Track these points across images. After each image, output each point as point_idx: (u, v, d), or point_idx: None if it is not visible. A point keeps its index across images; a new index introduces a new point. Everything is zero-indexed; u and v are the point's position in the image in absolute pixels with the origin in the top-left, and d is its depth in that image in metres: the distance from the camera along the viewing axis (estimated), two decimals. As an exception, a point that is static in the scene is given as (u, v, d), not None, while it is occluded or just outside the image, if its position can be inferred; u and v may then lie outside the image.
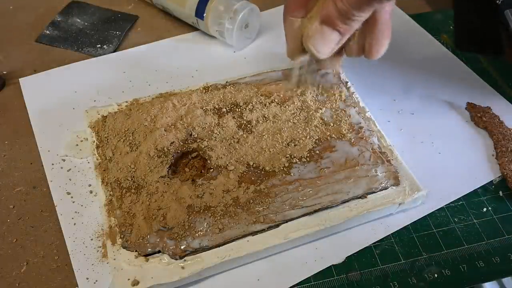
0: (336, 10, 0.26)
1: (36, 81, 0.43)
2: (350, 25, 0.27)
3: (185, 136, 0.35)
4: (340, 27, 0.27)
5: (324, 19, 0.27)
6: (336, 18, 0.26)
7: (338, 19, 0.26)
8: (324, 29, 0.28)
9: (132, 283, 0.29)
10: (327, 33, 0.28)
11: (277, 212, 0.32)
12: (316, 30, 0.28)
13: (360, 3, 0.25)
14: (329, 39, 0.28)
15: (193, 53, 0.47)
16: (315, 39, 0.28)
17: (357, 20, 0.26)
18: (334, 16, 0.26)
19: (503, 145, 0.38)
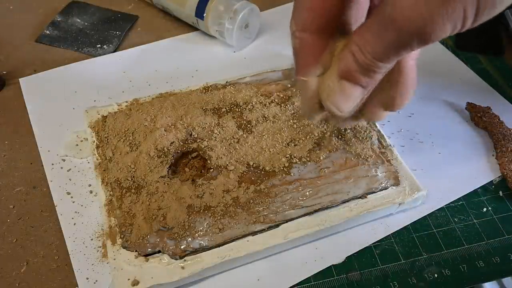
0: (356, 63, 0.23)
1: (36, 81, 0.43)
2: (373, 77, 0.24)
3: (185, 136, 0.35)
4: (362, 81, 0.24)
5: (343, 74, 0.24)
6: (357, 72, 0.23)
7: (360, 73, 0.23)
8: (345, 85, 0.24)
9: (132, 283, 0.29)
10: (348, 89, 0.25)
11: (277, 212, 0.32)
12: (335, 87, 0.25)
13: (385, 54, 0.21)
14: (351, 95, 0.25)
15: (193, 53, 0.47)
16: (335, 97, 0.25)
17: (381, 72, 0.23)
18: (354, 70, 0.23)
19: (503, 145, 0.38)
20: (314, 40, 0.25)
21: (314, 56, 0.25)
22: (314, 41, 0.25)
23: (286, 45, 0.48)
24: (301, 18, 0.24)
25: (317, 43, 0.25)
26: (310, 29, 0.24)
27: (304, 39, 0.25)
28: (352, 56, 0.23)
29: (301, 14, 0.24)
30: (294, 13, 0.24)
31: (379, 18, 0.20)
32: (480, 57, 0.48)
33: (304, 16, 0.24)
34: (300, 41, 0.25)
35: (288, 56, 0.46)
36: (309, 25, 0.24)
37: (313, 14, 0.24)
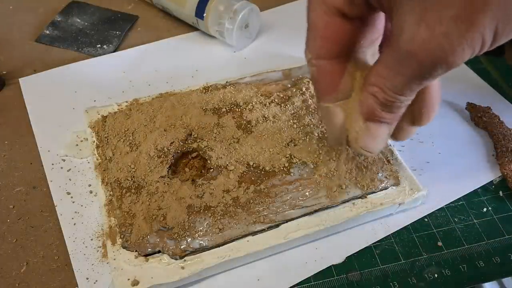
0: (378, 103, 0.22)
1: (36, 81, 0.43)
2: (398, 112, 0.23)
3: (185, 136, 0.35)
4: (388, 119, 0.23)
5: (367, 116, 0.24)
6: (381, 111, 0.23)
7: (383, 111, 0.23)
8: (370, 126, 0.24)
9: (132, 283, 0.29)
10: (374, 130, 0.24)
11: (277, 212, 0.32)
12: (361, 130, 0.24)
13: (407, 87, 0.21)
14: (379, 135, 0.24)
15: (193, 53, 0.47)
16: (364, 141, 0.25)
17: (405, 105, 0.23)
18: (377, 110, 0.23)
19: (503, 145, 0.38)
20: (331, 66, 0.24)
21: (333, 82, 0.25)
22: (331, 68, 0.24)
23: (286, 45, 0.48)
24: (316, 47, 0.24)
25: (334, 69, 0.24)
26: (326, 57, 0.24)
27: (321, 67, 0.24)
28: (373, 97, 0.22)
29: (315, 42, 0.24)
30: (308, 41, 0.24)
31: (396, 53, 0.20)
32: (480, 57, 0.48)
33: (318, 44, 0.24)
34: (317, 68, 0.24)
35: (288, 56, 0.46)
36: (324, 53, 0.24)
37: (327, 42, 0.23)
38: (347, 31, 0.23)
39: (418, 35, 0.18)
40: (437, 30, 0.18)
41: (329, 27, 0.23)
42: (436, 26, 0.18)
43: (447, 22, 0.18)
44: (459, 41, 0.18)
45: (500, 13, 0.17)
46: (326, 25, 0.23)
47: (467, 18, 0.17)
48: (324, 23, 0.23)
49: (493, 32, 0.18)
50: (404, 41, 0.19)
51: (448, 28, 0.18)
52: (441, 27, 0.18)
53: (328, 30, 0.23)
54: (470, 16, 0.17)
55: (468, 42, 0.18)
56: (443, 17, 0.18)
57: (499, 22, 0.17)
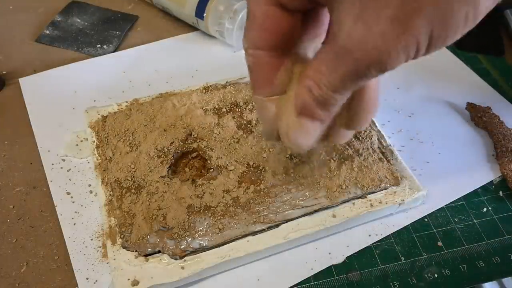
0: (313, 98, 0.22)
1: (36, 81, 0.43)
2: (332, 110, 0.23)
3: (185, 136, 0.35)
4: (321, 116, 0.23)
5: (301, 110, 0.23)
6: (315, 107, 0.22)
7: (317, 107, 0.22)
8: (303, 121, 0.23)
9: (132, 283, 0.29)
10: (306, 125, 0.23)
11: (277, 212, 0.32)
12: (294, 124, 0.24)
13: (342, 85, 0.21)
14: (310, 131, 0.24)
15: (193, 53, 0.47)
16: (294, 134, 0.24)
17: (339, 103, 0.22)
18: (311, 105, 0.22)
19: (503, 145, 0.38)
20: (268, 58, 0.23)
21: (268, 75, 0.24)
22: (268, 60, 0.23)
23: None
24: (253, 36, 0.23)
25: (271, 61, 0.24)
26: (263, 47, 0.23)
27: (257, 57, 0.24)
28: (308, 92, 0.22)
29: (253, 32, 0.23)
30: (246, 30, 0.23)
31: (334, 49, 0.20)
32: (480, 57, 0.48)
33: (256, 34, 0.23)
34: (253, 58, 0.24)
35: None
36: (262, 43, 0.23)
37: (265, 33, 0.23)
38: (286, 23, 0.22)
39: (355, 32, 0.18)
40: (374, 29, 0.18)
41: (267, 17, 0.22)
42: (373, 25, 0.18)
43: (384, 22, 0.17)
44: (394, 42, 0.18)
45: (435, 18, 0.17)
46: (264, 15, 0.22)
47: (403, 20, 0.17)
48: (263, 13, 0.22)
49: (428, 37, 0.18)
50: (341, 37, 0.19)
51: (385, 28, 0.17)
52: (378, 26, 0.17)
53: (267, 21, 0.22)
54: (405, 18, 0.17)
55: (403, 45, 0.18)
56: (381, 16, 0.17)
57: (434, 27, 0.17)
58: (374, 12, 0.17)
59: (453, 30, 0.18)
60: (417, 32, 0.17)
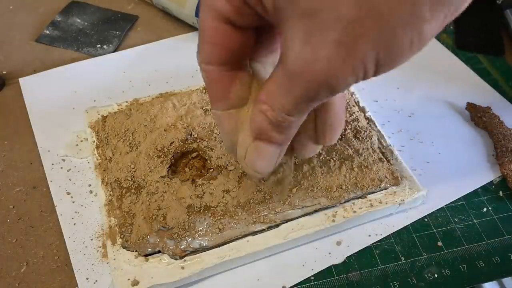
0: (268, 121, 0.21)
1: (36, 81, 0.43)
2: (288, 133, 0.22)
3: (185, 136, 0.35)
4: (278, 139, 0.23)
5: (256, 135, 0.23)
6: (271, 130, 0.22)
7: (273, 131, 0.22)
8: (259, 146, 0.23)
9: (132, 283, 0.29)
10: (263, 150, 0.23)
11: (277, 212, 0.32)
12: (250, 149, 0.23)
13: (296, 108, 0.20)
14: (267, 155, 0.23)
15: (193, 53, 0.46)
16: (252, 160, 0.24)
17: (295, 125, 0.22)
18: (267, 129, 0.22)
19: (503, 145, 0.38)
20: (220, 73, 0.23)
21: (223, 90, 0.24)
22: (220, 75, 0.23)
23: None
24: (204, 52, 0.23)
25: (224, 76, 0.23)
26: (214, 63, 0.23)
27: (210, 72, 0.23)
28: (262, 116, 0.22)
29: (204, 47, 0.23)
30: (199, 45, 0.23)
31: (284, 72, 0.19)
32: (480, 57, 0.48)
33: (207, 49, 0.23)
34: (206, 73, 0.23)
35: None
36: (213, 59, 0.23)
37: (215, 49, 0.22)
38: (236, 40, 0.22)
39: (303, 56, 0.18)
40: (320, 53, 0.17)
41: (217, 33, 0.22)
42: (320, 48, 0.17)
43: (330, 46, 0.17)
44: (341, 67, 0.18)
45: (380, 43, 0.17)
46: (214, 31, 0.22)
47: (348, 44, 0.17)
48: (212, 28, 0.21)
49: (374, 61, 0.17)
50: (291, 60, 0.19)
51: (331, 52, 0.17)
52: (324, 50, 0.17)
53: (217, 37, 0.22)
54: (350, 42, 0.17)
55: (349, 68, 0.18)
56: (326, 40, 0.17)
57: (380, 51, 0.17)
58: (320, 36, 0.17)
59: (399, 55, 0.18)
60: (362, 56, 0.17)
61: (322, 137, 0.25)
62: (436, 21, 0.17)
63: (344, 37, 0.17)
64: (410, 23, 0.16)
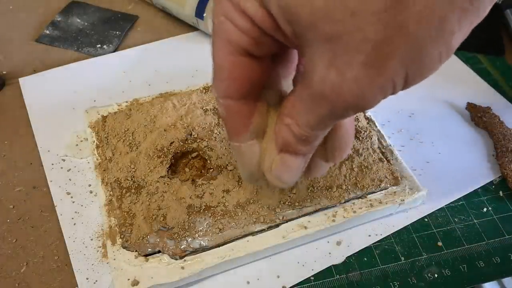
0: (293, 135, 0.22)
1: (36, 81, 0.43)
2: (312, 145, 0.23)
3: (185, 136, 0.35)
4: (303, 151, 0.23)
5: (282, 148, 0.23)
6: (296, 144, 0.22)
7: (298, 144, 0.22)
8: (285, 158, 0.23)
9: (132, 283, 0.29)
10: (289, 162, 0.24)
11: (277, 212, 0.32)
12: (276, 162, 0.24)
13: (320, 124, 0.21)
14: (293, 167, 0.24)
15: (193, 53, 0.47)
16: (278, 172, 0.24)
17: (319, 138, 0.23)
18: (293, 142, 0.22)
19: (503, 145, 0.38)
20: (240, 106, 0.23)
21: (242, 122, 0.24)
22: (240, 108, 0.23)
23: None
24: (222, 87, 0.22)
25: (244, 109, 0.23)
26: (234, 97, 0.23)
27: (229, 106, 0.23)
28: (287, 129, 0.22)
29: (222, 83, 0.22)
30: (214, 80, 0.23)
31: (309, 92, 0.20)
32: (480, 57, 0.48)
33: (226, 84, 0.22)
34: (225, 108, 0.23)
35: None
36: (233, 93, 0.22)
37: (234, 83, 0.22)
38: (256, 71, 0.22)
39: (329, 79, 0.18)
40: (347, 75, 0.17)
41: (236, 68, 0.21)
42: (346, 71, 0.17)
43: (357, 68, 0.17)
44: (369, 86, 0.18)
45: (409, 59, 0.17)
46: (232, 66, 0.21)
47: (376, 64, 0.17)
48: (230, 64, 0.21)
49: (403, 77, 0.18)
50: (315, 82, 0.19)
51: (359, 74, 0.17)
52: (351, 72, 0.17)
53: (235, 71, 0.21)
54: (379, 63, 0.17)
55: (378, 87, 0.18)
56: (353, 62, 0.17)
57: (409, 68, 0.17)
58: (345, 59, 0.17)
59: (428, 68, 0.18)
60: (392, 74, 0.17)
61: (332, 156, 0.25)
62: (463, 31, 0.17)
63: (371, 58, 0.17)
64: (439, 38, 0.17)
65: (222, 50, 0.21)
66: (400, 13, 0.16)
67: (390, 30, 0.16)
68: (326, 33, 0.17)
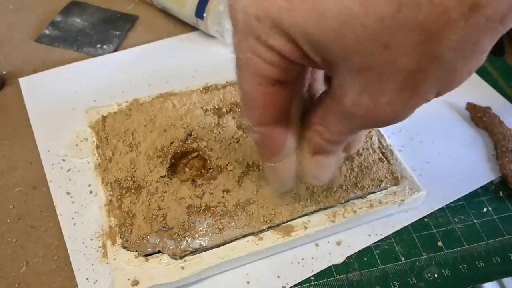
0: (324, 140, 0.23)
1: (36, 81, 0.43)
2: (342, 144, 0.24)
3: (185, 136, 0.35)
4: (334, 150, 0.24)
5: (315, 151, 0.24)
6: (328, 146, 0.24)
7: (330, 146, 0.24)
8: (319, 159, 0.25)
9: (132, 283, 0.29)
10: (323, 162, 0.25)
11: (277, 212, 0.32)
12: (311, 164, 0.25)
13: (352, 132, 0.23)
14: (328, 165, 0.25)
15: (193, 53, 0.47)
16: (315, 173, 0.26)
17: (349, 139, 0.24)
18: (325, 146, 0.24)
19: (503, 145, 0.38)
20: (275, 130, 0.23)
21: (278, 144, 0.24)
22: (275, 131, 0.24)
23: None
24: (255, 116, 0.23)
25: (278, 131, 0.24)
26: (269, 124, 0.23)
27: (265, 133, 0.23)
28: (319, 136, 0.23)
29: (254, 112, 0.23)
30: (246, 110, 0.23)
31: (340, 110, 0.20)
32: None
33: (258, 114, 0.22)
34: (261, 135, 0.24)
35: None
36: (268, 121, 0.23)
37: (267, 111, 0.22)
38: (286, 95, 0.22)
39: (361, 103, 0.19)
40: (380, 100, 0.18)
41: (267, 97, 0.21)
42: (379, 96, 0.18)
43: (390, 93, 0.18)
44: (402, 107, 0.19)
45: (442, 80, 0.18)
46: (264, 96, 0.21)
47: (410, 89, 0.18)
48: (261, 94, 0.21)
49: (435, 94, 0.18)
50: (347, 104, 0.19)
51: (392, 98, 0.18)
52: (384, 97, 0.18)
53: (269, 101, 0.22)
54: (412, 87, 0.18)
55: (411, 108, 0.19)
56: (386, 89, 0.18)
57: (441, 85, 0.18)
58: (378, 87, 0.18)
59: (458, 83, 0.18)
60: (424, 95, 0.18)
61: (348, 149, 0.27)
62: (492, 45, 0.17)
63: (404, 85, 0.17)
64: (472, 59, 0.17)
65: (250, 82, 0.21)
66: (435, 45, 0.16)
67: (425, 60, 0.16)
68: (357, 65, 0.17)
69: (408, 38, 0.16)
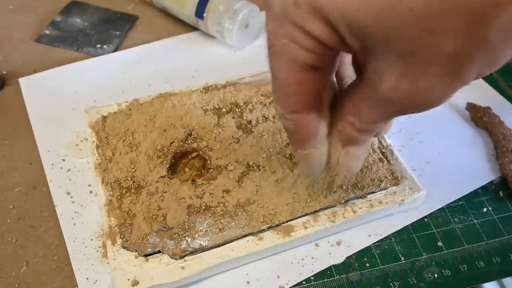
0: (356, 130, 0.23)
1: (36, 81, 0.43)
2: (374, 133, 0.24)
3: (185, 136, 0.35)
4: (365, 139, 0.24)
5: (347, 142, 0.24)
6: (359, 136, 0.24)
7: (361, 135, 0.24)
8: (350, 150, 0.25)
9: (132, 283, 0.29)
10: (355, 151, 0.25)
11: (277, 212, 0.32)
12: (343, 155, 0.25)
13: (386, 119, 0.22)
14: (359, 155, 0.25)
15: (193, 53, 0.47)
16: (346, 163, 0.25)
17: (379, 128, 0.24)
18: (356, 136, 0.24)
19: (503, 145, 0.38)
20: (309, 117, 0.23)
21: (312, 131, 0.24)
22: (309, 118, 0.23)
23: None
24: (289, 103, 0.23)
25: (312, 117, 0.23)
26: (303, 111, 0.23)
27: (298, 120, 0.23)
28: (351, 126, 0.23)
29: (288, 98, 0.22)
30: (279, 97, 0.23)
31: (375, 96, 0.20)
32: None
33: (294, 100, 0.22)
34: (295, 122, 0.23)
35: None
36: (301, 107, 0.23)
37: (303, 97, 0.22)
38: (321, 80, 0.22)
39: (401, 87, 0.18)
40: (421, 84, 0.18)
41: (302, 83, 0.21)
42: (420, 81, 0.18)
43: (431, 77, 0.18)
44: (442, 92, 0.18)
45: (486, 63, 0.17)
46: (299, 82, 0.21)
47: (452, 73, 0.17)
48: (296, 80, 0.21)
49: (476, 77, 0.18)
50: (384, 89, 0.19)
51: (433, 83, 0.18)
52: (425, 82, 0.18)
53: (302, 86, 0.22)
54: (455, 72, 0.17)
55: (451, 91, 0.18)
56: (427, 74, 0.17)
57: (483, 70, 0.18)
58: (419, 71, 0.18)
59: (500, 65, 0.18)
60: (466, 78, 0.18)
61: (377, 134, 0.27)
62: None
63: (447, 69, 0.17)
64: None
65: (285, 69, 0.21)
66: (482, 28, 0.16)
67: (471, 44, 0.16)
68: (399, 49, 0.17)
69: (455, 21, 0.15)
